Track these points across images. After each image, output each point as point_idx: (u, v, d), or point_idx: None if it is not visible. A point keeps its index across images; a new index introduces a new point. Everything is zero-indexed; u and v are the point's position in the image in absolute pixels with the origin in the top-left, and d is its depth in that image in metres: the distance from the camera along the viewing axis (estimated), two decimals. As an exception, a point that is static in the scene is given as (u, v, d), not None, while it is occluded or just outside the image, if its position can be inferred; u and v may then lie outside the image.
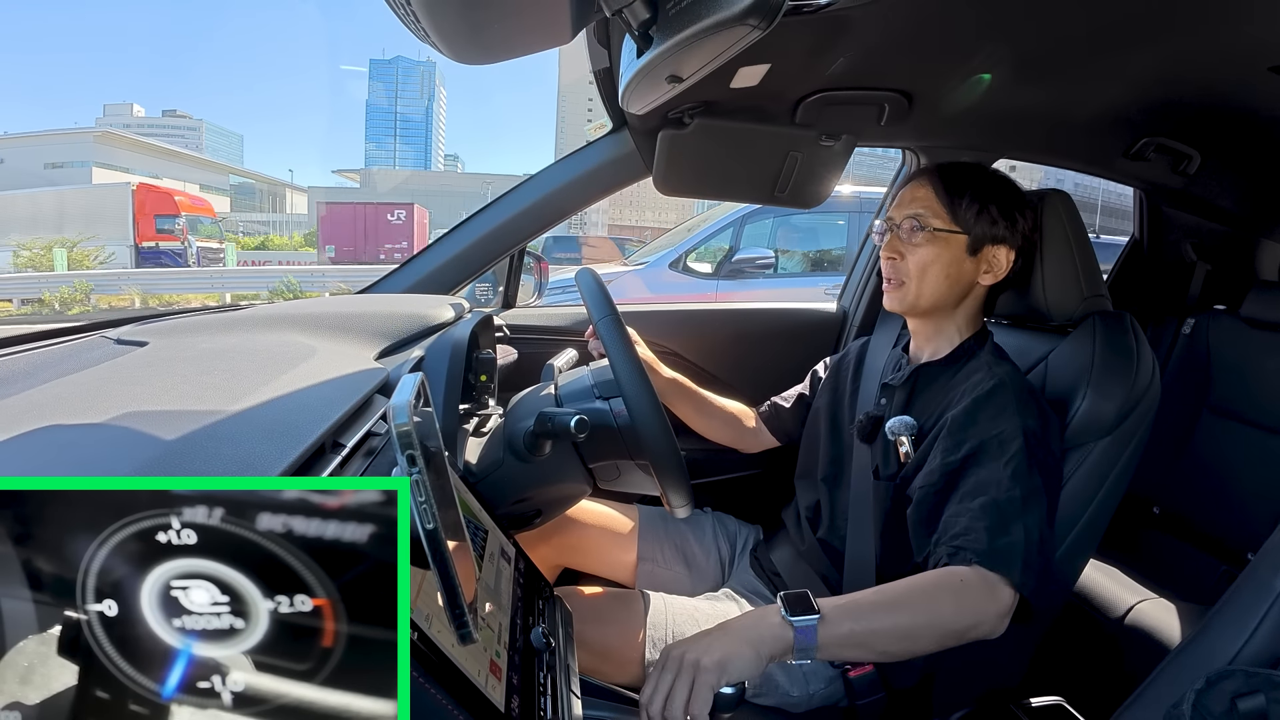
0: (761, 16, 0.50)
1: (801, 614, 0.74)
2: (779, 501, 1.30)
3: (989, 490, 0.86)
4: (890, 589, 0.81)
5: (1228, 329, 1.61)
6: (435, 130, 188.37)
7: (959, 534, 0.85)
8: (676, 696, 0.70)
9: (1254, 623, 0.67)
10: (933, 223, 1.00)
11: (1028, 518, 0.85)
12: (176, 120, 48.39)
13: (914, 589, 0.81)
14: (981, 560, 0.82)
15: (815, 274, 5.47)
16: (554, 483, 0.99)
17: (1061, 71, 1.09)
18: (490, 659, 0.58)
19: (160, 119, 48.65)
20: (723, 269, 5.09)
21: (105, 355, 0.78)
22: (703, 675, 0.70)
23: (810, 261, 5.65)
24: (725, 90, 1.09)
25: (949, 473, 0.91)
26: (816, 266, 5.56)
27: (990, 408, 0.92)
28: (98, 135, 45.90)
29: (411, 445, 0.45)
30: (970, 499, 0.87)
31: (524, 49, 0.65)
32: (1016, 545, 0.83)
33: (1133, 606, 1.34)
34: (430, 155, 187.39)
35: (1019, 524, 0.84)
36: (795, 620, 0.73)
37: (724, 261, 5.13)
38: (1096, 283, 1.06)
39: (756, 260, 5.03)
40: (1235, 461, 1.54)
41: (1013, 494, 0.85)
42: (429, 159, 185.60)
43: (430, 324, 1.01)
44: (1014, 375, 0.96)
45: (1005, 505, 0.85)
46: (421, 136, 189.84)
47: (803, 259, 5.71)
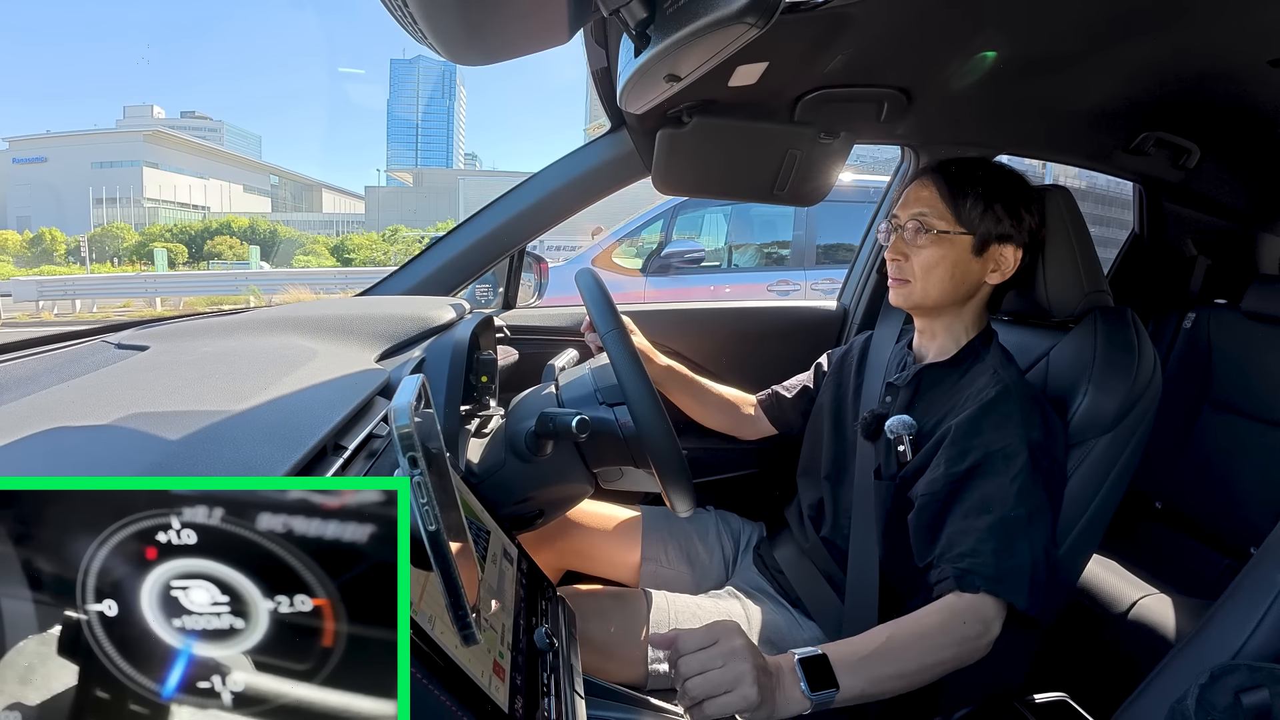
0: (759, 14, 0.50)
1: (820, 688, 0.75)
2: (781, 499, 1.30)
3: (994, 508, 0.87)
4: (900, 636, 0.81)
5: (1229, 323, 1.61)
6: (456, 129, 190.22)
7: (965, 554, 0.85)
8: (710, 683, 0.72)
9: (1257, 617, 0.67)
10: (937, 224, 0.99)
11: (1033, 534, 0.85)
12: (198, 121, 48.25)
13: (923, 635, 0.82)
14: (989, 587, 0.83)
15: (766, 269, 5.07)
16: (556, 483, 0.99)
17: (1060, 67, 1.08)
18: (494, 660, 0.58)
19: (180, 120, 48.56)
20: (651, 265, 4.71)
21: (106, 360, 0.78)
22: (738, 695, 0.71)
23: (765, 256, 5.24)
24: (723, 89, 1.08)
25: (952, 483, 0.91)
26: (772, 261, 5.14)
27: (995, 416, 0.92)
28: (148, 135, 45.84)
29: (413, 447, 0.45)
30: (975, 516, 0.87)
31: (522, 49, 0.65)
32: (1024, 567, 0.83)
33: (1135, 602, 1.34)
34: (451, 154, 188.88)
35: (1025, 542, 0.84)
36: (814, 696, 0.75)
37: (653, 257, 4.76)
38: (1097, 278, 1.06)
39: (685, 254, 4.65)
40: (1237, 456, 1.54)
41: (1018, 512, 0.86)
42: (450, 158, 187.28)
43: (431, 325, 1.01)
44: (1018, 381, 0.96)
45: (1012, 524, 0.85)
46: (443, 135, 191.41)
47: (757, 252, 5.31)
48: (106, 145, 44.18)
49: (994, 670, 0.93)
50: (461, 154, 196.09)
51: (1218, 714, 0.58)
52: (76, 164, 40.55)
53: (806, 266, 4.77)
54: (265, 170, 53.39)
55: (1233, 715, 0.58)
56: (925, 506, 0.92)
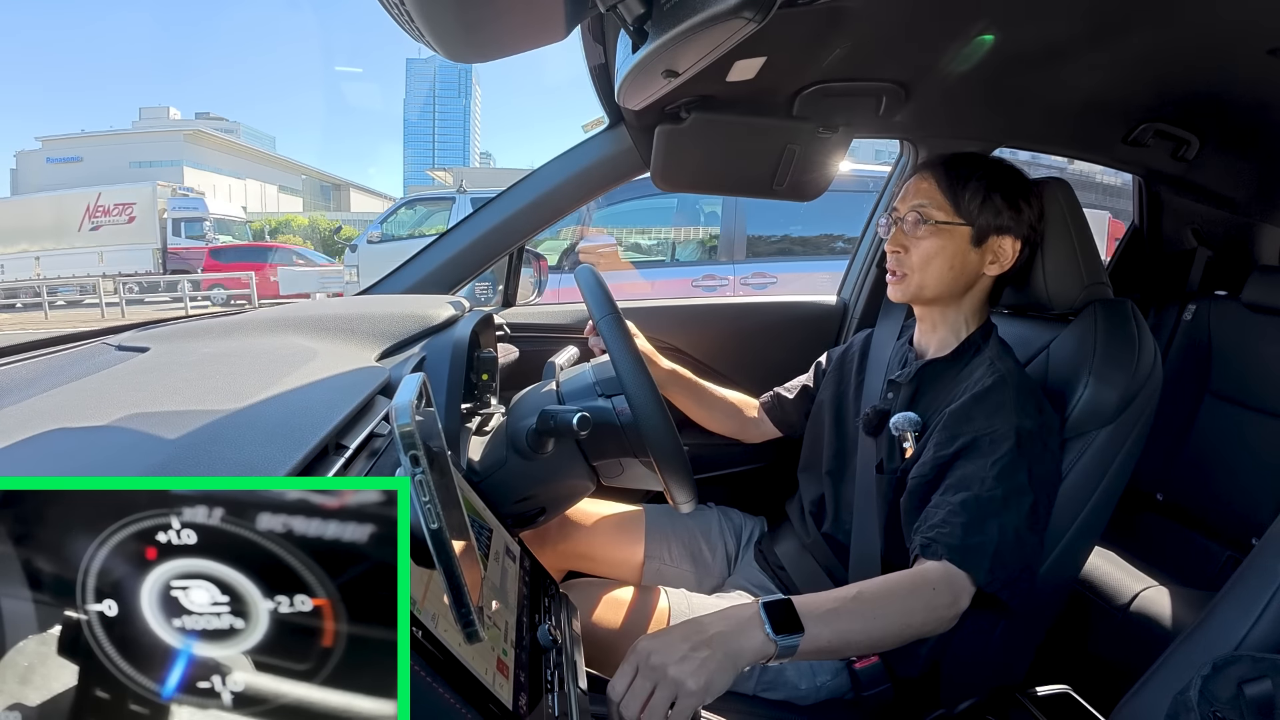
0: (757, 9, 0.50)
1: (788, 630, 0.72)
2: (783, 494, 1.30)
3: (972, 486, 0.87)
4: (868, 593, 0.80)
5: (1229, 314, 1.61)
6: (471, 128, 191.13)
7: (934, 525, 0.87)
8: (656, 710, 0.67)
9: (1259, 608, 0.67)
10: (936, 215, 0.99)
11: (1005, 516, 0.85)
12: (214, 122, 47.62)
13: (891, 594, 0.81)
14: (950, 556, 0.83)
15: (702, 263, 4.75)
16: (557, 480, 0.99)
17: (1059, 59, 1.08)
18: (497, 657, 0.58)
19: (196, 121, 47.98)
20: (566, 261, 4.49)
21: (107, 362, 0.78)
22: (686, 698, 0.67)
23: (706, 249, 4.91)
24: (722, 84, 1.08)
25: (939, 464, 0.92)
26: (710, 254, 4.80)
27: (988, 404, 0.92)
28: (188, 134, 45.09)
29: (414, 445, 0.45)
30: (953, 492, 0.88)
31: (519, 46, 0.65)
32: (988, 544, 0.84)
33: (1137, 594, 1.34)
34: (468, 153, 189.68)
35: (995, 522, 0.85)
36: (780, 639, 0.72)
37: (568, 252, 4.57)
38: (1097, 270, 1.05)
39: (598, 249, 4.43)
40: (1238, 447, 1.54)
41: (994, 492, 0.86)
42: (466, 157, 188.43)
43: (431, 324, 1.01)
44: (1015, 372, 0.96)
45: (985, 502, 0.86)
46: (459, 134, 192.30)
47: (699, 246, 5.03)
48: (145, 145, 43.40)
49: (996, 662, 0.94)
50: (477, 153, 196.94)
51: (1221, 705, 0.59)
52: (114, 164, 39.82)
53: (736, 259, 4.47)
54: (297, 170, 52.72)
55: (1235, 706, 0.58)
56: (914, 489, 0.94)
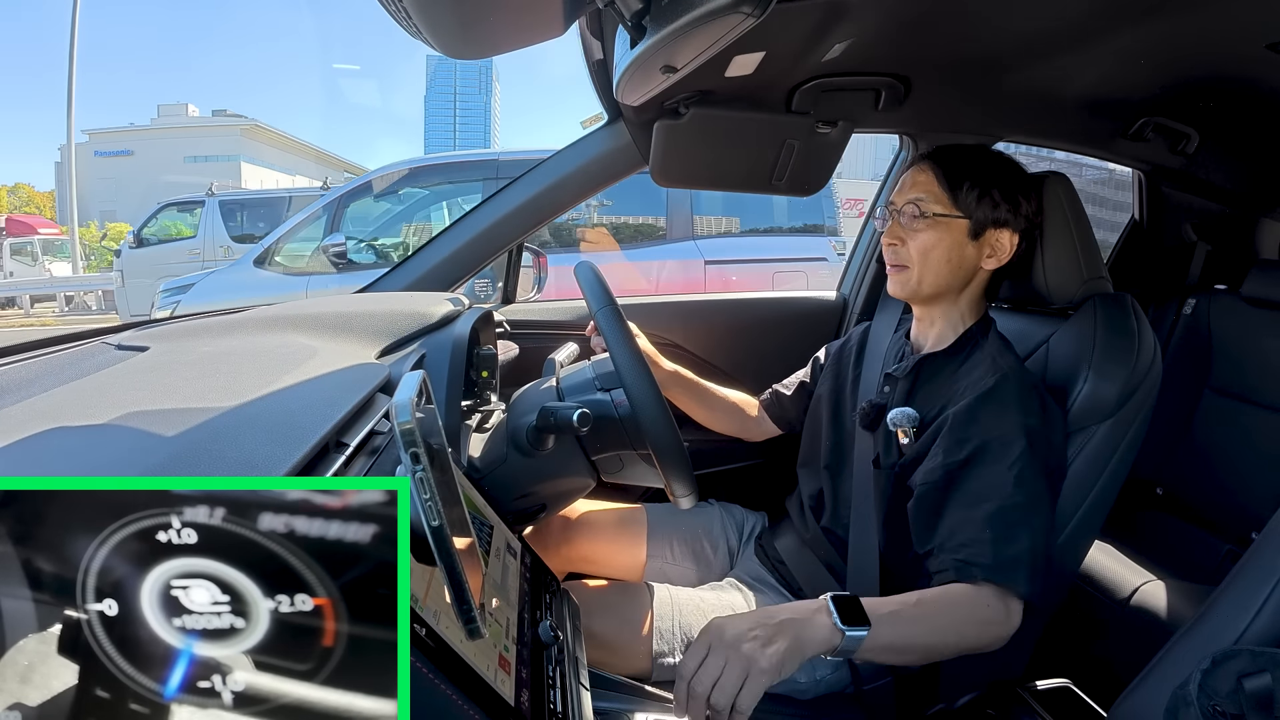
0: (755, 4, 0.50)
1: (854, 623, 0.73)
2: (783, 489, 1.30)
3: (992, 496, 0.87)
4: (930, 603, 0.81)
5: (1229, 309, 1.61)
6: (492, 125, 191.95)
7: (964, 545, 0.85)
8: (726, 686, 0.68)
9: (1259, 602, 0.67)
10: (933, 208, 0.99)
11: (1033, 522, 0.85)
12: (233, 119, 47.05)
13: (954, 604, 0.82)
14: (988, 575, 0.83)
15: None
16: (558, 476, 0.99)
17: (1058, 53, 1.08)
18: (499, 654, 0.58)
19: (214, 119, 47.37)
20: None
21: (106, 362, 0.78)
22: (758, 676, 0.68)
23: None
24: (720, 79, 1.08)
25: (950, 472, 0.91)
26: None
27: (993, 405, 0.92)
28: (245, 129, 44.43)
29: (415, 443, 0.45)
30: (974, 506, 0.87)
31: (517, 43, 0.65)
32: (1023, 555, 0.83)
33: (1137, 588, 1.34)
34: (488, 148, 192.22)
35: (1024, 530, 0.84)
36: (849, 630, 0.73)
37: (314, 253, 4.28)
38: (1097, 264, 1.05)
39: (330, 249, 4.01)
40: (1238, 441, 1.54)
41: (1016, 500, 0.86)
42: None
43: (430, 321, 1.00)
44: (1016, 370, 0.96)
45: (1010, 512, 0.85)
46: (480, 130, 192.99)
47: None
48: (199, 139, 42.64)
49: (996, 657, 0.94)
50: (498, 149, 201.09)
51: (1220, 699, 0.59)
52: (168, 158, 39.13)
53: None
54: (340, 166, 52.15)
55: (1235, 700, 0.58)
56: (924, 495, 0.93)
